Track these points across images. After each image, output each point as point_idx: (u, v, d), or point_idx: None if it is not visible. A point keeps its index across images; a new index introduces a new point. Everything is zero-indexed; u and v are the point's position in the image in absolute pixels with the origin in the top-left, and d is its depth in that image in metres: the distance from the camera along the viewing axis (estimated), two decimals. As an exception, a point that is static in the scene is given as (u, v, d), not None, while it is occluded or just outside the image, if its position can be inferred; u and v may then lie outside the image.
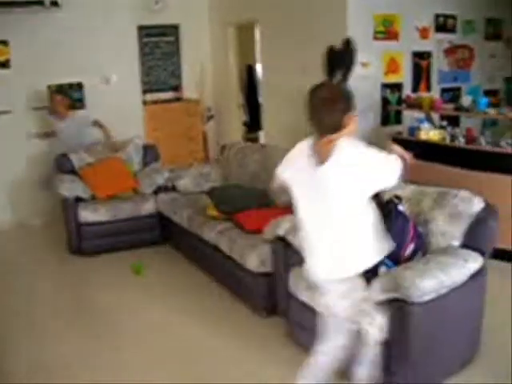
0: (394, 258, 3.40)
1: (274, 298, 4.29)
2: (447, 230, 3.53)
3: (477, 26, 8.24)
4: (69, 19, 7.36)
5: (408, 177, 2.81)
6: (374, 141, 6.85)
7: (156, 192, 6.21)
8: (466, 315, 3.50)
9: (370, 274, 3.37)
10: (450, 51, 7.94)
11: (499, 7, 8.35)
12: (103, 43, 7.73)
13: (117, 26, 7.84)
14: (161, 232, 6.16)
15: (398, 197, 3.61)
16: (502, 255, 5.09)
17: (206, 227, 5.05)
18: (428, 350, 3.26)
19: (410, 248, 3.44)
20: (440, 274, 3.14)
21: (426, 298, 3.10)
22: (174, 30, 9.36)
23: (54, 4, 6.88)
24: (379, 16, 6.95)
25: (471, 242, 3.47)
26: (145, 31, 9.04)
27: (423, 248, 3.52)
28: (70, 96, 7.45)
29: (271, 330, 4.27)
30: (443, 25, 7.80)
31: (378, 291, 3.15)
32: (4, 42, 7.09)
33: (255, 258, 4.32)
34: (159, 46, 9.31)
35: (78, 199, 6.04)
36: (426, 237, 3.57)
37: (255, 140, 9.73)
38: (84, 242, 5.99)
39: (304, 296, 3.71)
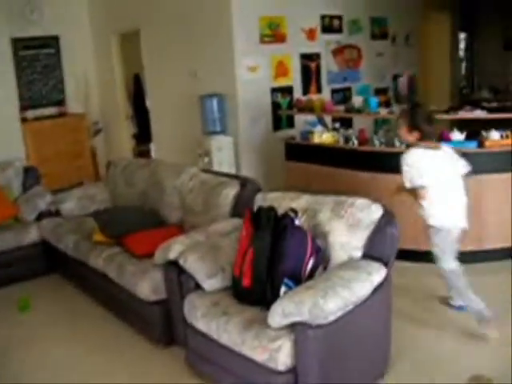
0: (295, 277, 3.17)
1: (171, 326, 3.95)
2: (347, 241, 3.33)
3: (363, 26, 8.26)
4: None
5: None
6: (266, 147, 6.78)
7: (39, 218, 5.70)
8: (374, 328, 3.31)
9: (270, 296, 3.15)
10: (337, 51, 7.91)
11: (384, 6, 8.42)
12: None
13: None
14: (48, 261, 5.64)
15: (293, 210, 3.37)
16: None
17: (92, 254, 4.64)
18: (336, 370, 3.04)
19: (310, 264, 3.22)
20: (343, 291, 2.92)
21: (331, 318, 2.87)
22: (53, 41, 8.85)
23: None
24: (265, 18, 6.79)
25: (373, 251, 3.29)
26: (21, 43, 8.48)
27: (324, 263, 3.31)
28: None
29: (171, 360, 3.92)
30: (329, 25, 7.77)
31: (278, 314, 2.89)
32: None
33: (146, 286, 3.96)
34: (38, 59, 8.77)
35: (-50, 233, 5.44)
36: (326, 250, 3.35)
37: (146, 152, 9.35)
38: (-40, 279, 5.40)
39: (201, 324, 3.41)
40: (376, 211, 3.35)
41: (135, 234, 4.55)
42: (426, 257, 4.35)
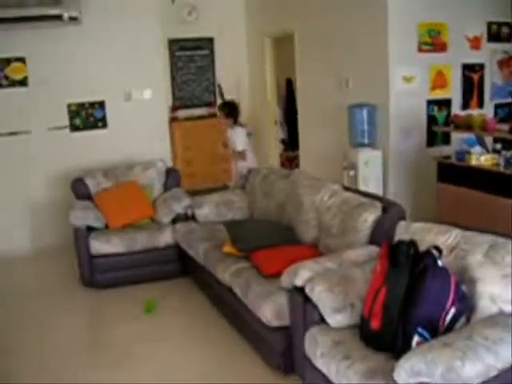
0: (431, 327, 2.75)
1: (291, 355, 3.67)
2: (499, 292, 2.83)
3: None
4: (89, 34, 6.86)
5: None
6: (416, 164, 6.28)
7: (175, 221, 5.67)
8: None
9: (400, 344, 2.76)
10: (504, 63, 7.19)
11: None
12: (128, 59, 7.17)
13: (144, 39, 7.23)
14: (181, 265, 5.61)
15: (437, 247, 2.94)
16: None
17: (220, 266, 4.47)
18: None
19: (451, 313, 2.77)
20: (487, 354, 2.46)
21: (470, 384, 2.43)
22: (208, 42, 8.94)
23: (73, 19, 6.37)
24: (424, 25, 6.30)
25: (528, 308, 2.78)
26: (177, 44, 8.65)
27: (467, 314, 2.85)
28: (91, 114, 7.03)
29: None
30: (497, 33, 7.08)
31: (406, 371, 2.49)
32: (21, 59, 6.67)
33: (269, 310, 3.69)
34: (193, 60, 8.89)
35: (91, 228, 5.55)
36: (471, 299, 2.88)
37: (294, 159, 9.17)
38: (97, 275, 5.49)
39: (320, 363, 3.09)
40: (538, 262, 2.83)
41: (266, 250, 4.32)
42: None
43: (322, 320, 3.27)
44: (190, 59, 8.85)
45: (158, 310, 4.96)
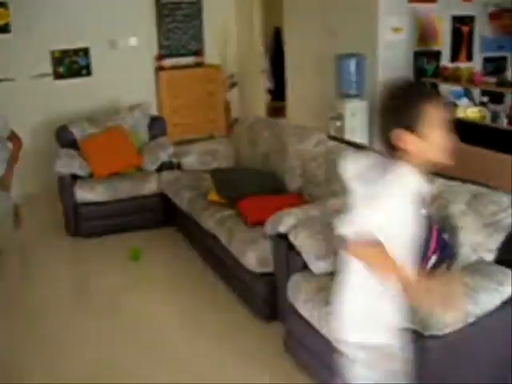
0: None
1: (275, 302, 3.71)
2: (480, 241, 2.87)
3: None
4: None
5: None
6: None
7: (160, 169, 5.64)
8: (496, 348, 2.85)
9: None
10: (495, 15, 7.11)
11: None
12: (113, 5, 7.03)
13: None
14: (165, 213, 5.61)
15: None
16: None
17: (205, 214, 4.48)
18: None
19: (432, 260, 2.81)
20: (467, 299, 2.50)
21: (447, 330, 2.47)
22: (195, -11, 8.72)
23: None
24: (415, -26, 6.18)
25: (507, 256, 2.81)
26: (163, -9, 8.43)
27: (448, 261, 2.88)
28: (75, 62, 6.92)
29: (269, 337, 3.72)
30: (487, -15, 6.98)
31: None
32: (3, 4, 6.49)
33: (254, 256, 3.73)
34: (180, 8, 8.68)
35: (76, 177, 5.52)
36: (454, 247, 2.91)
37: (281, 109, 9.09)
38: (82, 224, 5.48)
39: (303, 309, 3.13)
40: (522, 213, 2.86)
41: (251, 198, 4.33)
42: None
43: (305, 267, 3.30)
44: (177, 6, 8.65)
45: (143, 259, 4.97)
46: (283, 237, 3.48)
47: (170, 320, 4.03)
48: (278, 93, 9.57)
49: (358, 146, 4.24)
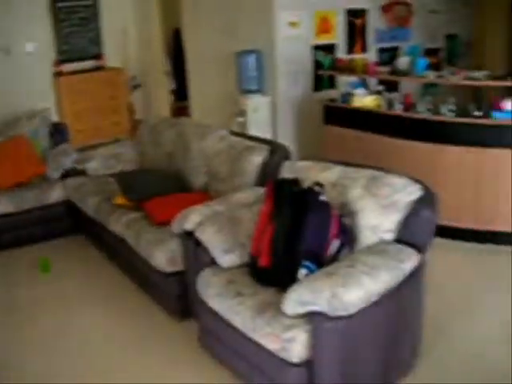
0: (316, 259, 2.86)
1: (187, 300, 3.71)
2: (378, 222, 2.98)
3: (415, -20, 7.70)
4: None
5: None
6: (304, 108, 6.40)
7: (65, 176, 5.50)
8: (402, 322, 2.97)
9: (288, 278, 2.85)
10: (387, 8, 7.38)
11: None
12: (7, 12, 6.80)
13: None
14: (73, 221, 5.46)
15: (319, 183, 3.03)
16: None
17: (112, 218, 4.41)
18: (357, 367, 2.73)
19: (334, 245, 2.89)
20: (368, 280, 2.59)
21: (352, 309, 2.55)
22: (91, -8, 8.55)
23: None
24: (309, -29, 6.33)
25: (406, 236, 2.94)
26: (58, -5, 8.22)
27: (350, 244, 2.98)
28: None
29: (184, 335, 3.71)
30: (379, -21, 7.23)
31: (294, 302, 2.59)
32: None
33: (162, 256, 3.71)
34: (76, 11, 8.49)
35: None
36: (354, 231, 3.02)
37: (185, 109, 9.07)
38: (-14, 237, 5.26)
39: (214, 303, 3.14)
40: (414, 192, 2.99)
41: (156, 198, 4.30)
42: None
43: (214, 262, 3.32)
44: (73, 10, 8.45)
45: (54, 269, 4.82)
46: (190, 234, 3.49)
47: (86, 328, 3.94)
48: (181, 93, 9.53)
49: (260, 141, 4.30)
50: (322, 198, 2.94)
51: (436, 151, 4.84)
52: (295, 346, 2.60)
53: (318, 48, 6.53)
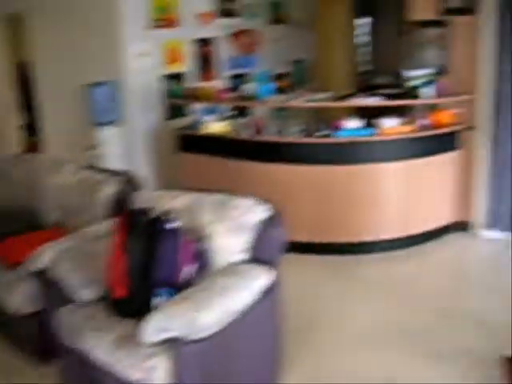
0: (171, 285, 2.89)
1: (48, 341, 3.58)
2: (230, 244, 3.08)
3: (260, 10, 8.04)
4: None
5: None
6: (159, 138, 6.44)
7: None
8: (261, 338, 3.09)
9: (145, 307, 2.86)
10: (234, 36, 7.64)
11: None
12: None
13: None
14: None
15: (169, 211, 3.09)
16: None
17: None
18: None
19: (188, 270, 2.95)
20: (221, 301, 2.67)
21: (209, 331, 2.61)
22: None
23: None
24: (155, 1, 6.40)
25: (258, 254, 3.07)
26: None
27: (204, 268, 3.05)
28: None
29: (45, 377, 3.59)
30: (226, 9, 7.47)
31: (150, 331, 2.61)
32: None
33: (18, 297, 3.58)
34: None
35: None
36: (207, 254, 3.09)
37: (37, 144, 8.77)
38: None
39: (73, 341, 3.08)
40: (262, 212, 3.12)
41: (9, 239, 4.14)
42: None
43: (72, 299, 3.26)
44: None
45: None
46: (45, 272, 3.40)
47: None
48: (33, 128, 9.22)
49: (112, 172, 4.28)
50: (173, 225, 2.99)
51: (287, 171, 5.06)
52: (158, 373, 2.61)
53: (169, 77, 6.61)
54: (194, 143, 5.69)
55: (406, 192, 5.07)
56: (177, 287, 2.87)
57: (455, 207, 5.54)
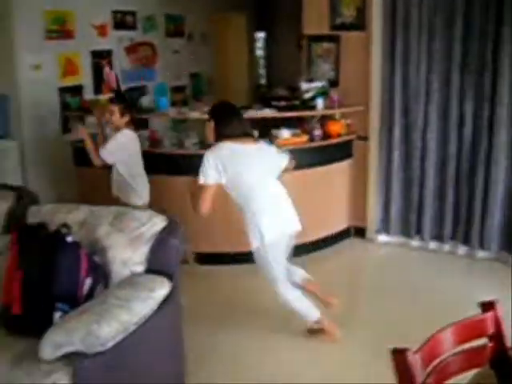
0: (70, 300, 2.87)
1: None
2: (128, 256, 3.08)
3: (158, 23, 8.09)
4: None
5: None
6: (55, 151, 6.30)
7: None
8: (164, 346, 3.11)
9: (44, 323, 2.82)
10: (131, 49, 7.64)
11: (178, 3, 8.30)
12: None
13: None
14: None
15: (65, 225, 3.06)
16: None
17: None
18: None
19: (87, 284, 2.93)
20: (121, 312, 2.67)
21: (110, 343, 2.61)
22: None
23: None
24: (50, 13, 6.30)
25: (156, 265, 3.08)
26: None
27: (103, 281, 3.04)
28: None
29: None
30: (122, 21, 7.48)
31: (49, 346, 2.57)
32: None
33: None
34: None
35: None
36: (106, 267, 3.08)
37: None
38: None
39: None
40: (158, 223, 3.16)
41: None
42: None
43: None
44: None
45: None
46: None
47: None
48: None
49: (4, 187, 4.15)
50: (69, 238, 2.97)
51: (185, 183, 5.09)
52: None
53: (66, 90, 6.50)
54: (87, 157, 5.59)
55: (302, 201, 5.21)
56: (79, 301, 2.85)
57: (351, 214, 5.78)
